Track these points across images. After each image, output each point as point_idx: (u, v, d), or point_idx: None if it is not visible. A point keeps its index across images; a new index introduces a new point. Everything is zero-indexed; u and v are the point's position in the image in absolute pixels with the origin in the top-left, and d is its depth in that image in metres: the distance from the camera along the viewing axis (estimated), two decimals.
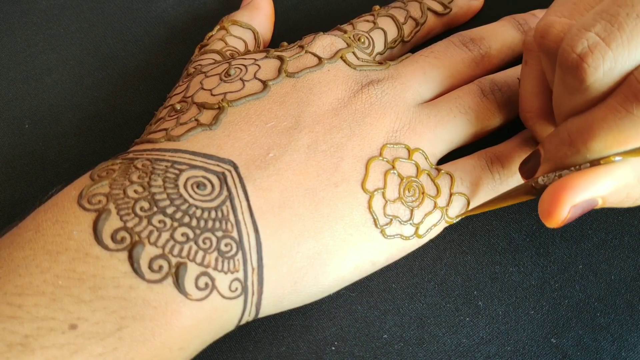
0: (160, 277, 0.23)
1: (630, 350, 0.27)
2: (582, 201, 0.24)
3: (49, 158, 0.34)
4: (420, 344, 0.28)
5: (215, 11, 0.38)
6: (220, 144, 0.26)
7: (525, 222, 0.30)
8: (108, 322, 0.22)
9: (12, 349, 0.20)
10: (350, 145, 0.27)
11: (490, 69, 0.32)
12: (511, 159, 0.29)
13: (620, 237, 0.30)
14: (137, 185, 0.24)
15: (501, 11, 0.34)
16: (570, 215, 0.24)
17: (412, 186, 0.28)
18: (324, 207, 0.26)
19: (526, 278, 0.29)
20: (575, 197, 0.24)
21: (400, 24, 0.33)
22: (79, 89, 0.36)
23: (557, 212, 0.24)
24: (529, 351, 0.27)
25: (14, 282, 0.22)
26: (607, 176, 0.23)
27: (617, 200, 0.24)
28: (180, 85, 0.30)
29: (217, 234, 0.24)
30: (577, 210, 0.24)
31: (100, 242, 0.23)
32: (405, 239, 0.28)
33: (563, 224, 0.24)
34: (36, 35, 0.38)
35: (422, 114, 0.29)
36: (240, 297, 0.24)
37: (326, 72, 0.29)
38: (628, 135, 0.22)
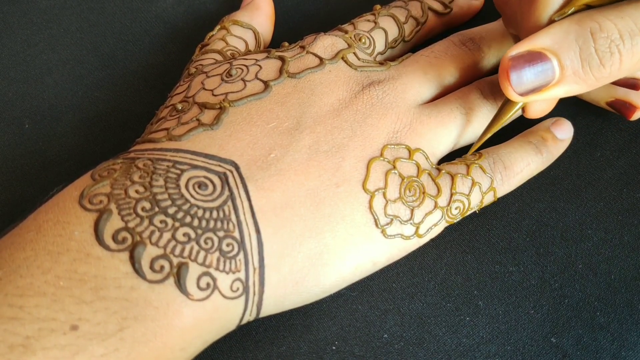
0: (161, 277, 0.23)
1: (630, 349, 0.27)
2: (522, 52, 0.25)
3: (49, 158, 0.34)
4: (420, 343, 0.28)
5: (216, 11, 0.38)
6: (221, 144, 0.26)
7: (525, 222, 0.30)
8: (109, 323, 0.22)
9: (14, 350, 0.20)
10: (351, 146, 0.27)
11: (491, 68, 0.33)
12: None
13: (620, 237, 0.30)
14: (138, 185, 0.24)
15: None
16: (515, 74, 0.25)
17: (412, 186, 0.28)
18: (325, 207, 0.26)
19: (526, 278, 0.29)
20: (513, 51, 0.25)
21: (401, 23, 0.33)
22: (79, 89, 0.36)
23: (501, 70, 0.25)
24: (529, 350, 0.28)
25: (15, 283, 0.21)
26: (544, 30, 0.25)
27: (571, 55, 0.25)
28: (182, 85, 0.30)
29: (218, 234, 0.24)
30: (521, 65, 0.25)
31: (102, 242, 0.23)
32: (405, 238, 0.28)
33: (518, 91, 0.25)
34: (36, 35, 0.38)
35: (423, 114, 0.29)
36: (242, 297, 0.24)
37: (327, 72, 0.29)
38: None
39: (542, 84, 0.25)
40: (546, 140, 0.31)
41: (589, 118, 0.33)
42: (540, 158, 0.30)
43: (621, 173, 0.31)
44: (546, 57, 0.25)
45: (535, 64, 0.25)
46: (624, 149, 0.32)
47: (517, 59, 0.25)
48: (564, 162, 0.31)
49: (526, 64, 0.25)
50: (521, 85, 0.25)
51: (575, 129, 0.32)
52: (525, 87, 0.25)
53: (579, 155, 0.32)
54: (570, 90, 0.26)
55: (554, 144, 0.31)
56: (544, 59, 0.25)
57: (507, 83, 0.25)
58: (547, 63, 0.25)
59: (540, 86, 0.25)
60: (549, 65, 0.25)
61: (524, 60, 0.25)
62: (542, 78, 0.25)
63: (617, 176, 0.31)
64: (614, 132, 0.32)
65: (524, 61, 0.25)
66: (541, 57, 0.25)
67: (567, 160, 0.32)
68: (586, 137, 0.32)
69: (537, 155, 0.30)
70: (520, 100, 0.26)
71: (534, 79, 0.25)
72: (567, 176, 0.31)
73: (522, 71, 0.25)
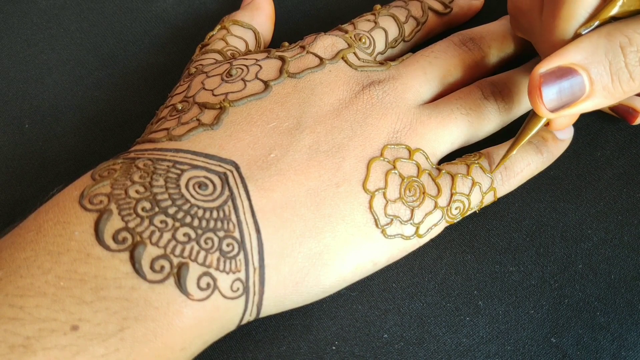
0: (162, 277, 0.23)
1: (630, 349, 0.27)
2: (553, 68, 0.25)
3: (49, 158, 0.34)
4: (420, 343, 0.28)
5: (215, 11, 0.38)
6: (221, 144, 0.26)
7: (525, 222, 0.30)
8: (110, 323, 0.22)
9: (14, 350, 0.20)
10: (351, 146, 0.27)
11: (491, 68, 0.33)
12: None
13: (620, 237, 0.30)
14: (138, 185, 0.24)
15: (501, 11, 0.34)
16: (546, 90, 0.25)
17: (412, 186, 0.28)
18: (325, 207, 0.26)
19: (526, 278, 0.29)
20: (543, 67, 0.25)
21: (401, 23, 0.33)
22: (79, 89, 0.36)
23: (532, 87, 0.25)
24: (529, 350, 0.28)
25: (16, 284, 0.21)
26: (573, 44, 0.25)
27: (601, 70, 0.25)
28: (182, 84, 0.30)
29: (218, 234, 0.24)
30: (552, 81, 0.25)
31: (102, 242, 0.23)
32: (405, 238, 0.28)
33: (549, 108, 0.25)
34: (36, 35, 0.38)
35: (423, 114, 0.29)
36: (242, 297, 0.24)
37: (327, 72, 0.29)
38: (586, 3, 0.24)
39: (572, 99, 0.25)
40: (546, 140, 0.31)
41: (589, 118, 0.33)
42: (541, 158, 0.30)
43: (621, 173, 0.31)
44: (577, 73, 0.25)
45: (566, 79, 0.25)
46: (624, 149, 0.32)
47: (548, 76, 0.25)
48: (564, 162, 0.31)
49: (557, 80, 0.25)
50: (552, 102, 0.25)
51: (576, 129, 0.32)
52: (556, 103, 0.25)
53: (579, 155, 0.32)
54: (598, 104, 0.25)
55: (555, 144, 0.31)
56: (574, 75, 0.25)
57: (538, 100, 0.25)
58: (578, 78, 0.25)
59: (570, 102, 0.25)
60: (579, 80, 0.25)
61: (555, 76, 0.25)
62: (573, 94, 0.25)
63: (617, 176, 0.31)
64: (614, 132, 0.32)
65: (555, 77, 0.25)
66: (571, 72, 0.25)
67: (567, 160, 0.32)
68: (586, 137, 0.32)
69: (537, 155, 0.30)
70: (551, 117, 0.26)
71: (564, 95, 0.25)
72: (567, 176, 0.31)
73: (553, 87, 0.25)
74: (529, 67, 0.32)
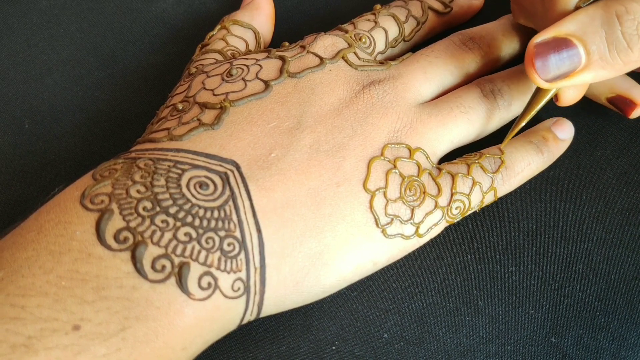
0: (163, 277, 0.23)
1: (630, 349, 0.27)
2: (547, 38, 0.25)
3: (49, 158, 0.34)
4: (420, 343, 0.28)
5: (215, 11, 0.38)
6: (222, 144, 0.26)
7: (525, 222, 0.30)
8: (111, 323, 0.22)
9: (16, 350, 0.20)
10: (352, 145, 0.27)
11: (491, 68, 0.33)
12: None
13: (620, 237, 0.30)
14: (139, 185, 0.24)
15: (501, 11, 0.34)
16: (541, 60, 0.25)
17: (413, 185, 0.28)
18: (326, 206, 0.26)
19: (526, 277, 0.29)
20: (538, 38, 0.25)
21: (401, 22, 0.33)
22: (79, 89, 0.36)
23: (527, 57, 0.25)
24: (528, 350, 0.28)
25: (17, 283, 0.21)
26: (570, 16, 0.25)
27: (597, 40, 0.25)
28: (182, 84, 0.30)
29: (219, 233, 0.24)
30: (547, 52, 0.25)
31: (103, 242, 0.23)
32: (406, 238, 0.28)
33: (545, 77, 0.26)
34: (36, 35, 0.38)
35: (423, 113, 0.29)
36: (243, 297, 0.24)
37: (328, 72, 0.29)
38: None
39: (568, 70, 0.25)
40: (547, 140, 0.31)
41: (589, 118, 0.33)
42: (541, 158, 0.30)
43: (621, 173, 0.31)
44: (572, 43, 0.25)
45: (561, 50, 0.25)
46: (624, 149, 0.32)
47: (542, 46, 0.25)
48: (564, 162, 0.31)
49: (551, 50, 0.25)
50: (547, 72, 0.25)
51: (576, 128, 0.32)
52: (552, 74, 0.25)
53: (580, 155, 0.32)
54: (599, 76, 0.26)
55: (555, 143, 0.31)
56: (569, 45, 0.25)
57: (532, 70, 0.25)
58: (573, 49, 0.25)
59: (566, 72, 0.25)
60: (574, 51, 0.25)
61: (549, 47, 0.25)
62: (568, 64, 0.25)
63: (617, 176, 0.31)
64: (614, 132, 0.32)
65: (549, 48, 0.25)
66: (566, 43, 0.25)
67: (567, 160, 0.32)
68: (586, 137, 0.32)
69: (537, 155, 0.30)
70: (547, 87, 0.26)
71: (559, 66, 0.25)
72: (567, 176, 0.31)
73: (548, 58, 0.25)
74: None
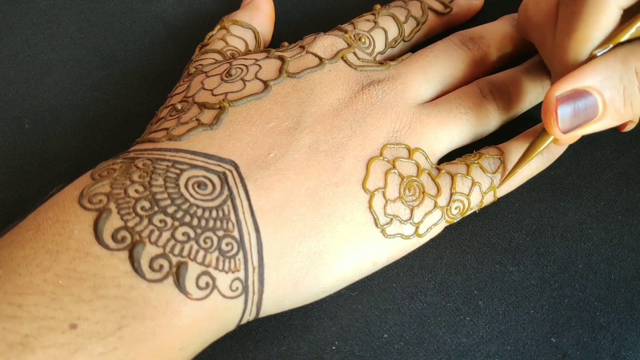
0: (160, 276, 0.23)
1: (630, 349, 0.27)
2: (568, 91, 0.25)
3: (49, 158, 0.34)
4: (420, 343, 0.28)
5: (215, 11, 0.38)
6: (221, 144, 0.26)
7: (526, 222, 0.30)
8: (108, 322, 0.22)
9: (13, 348, 0.20)
10: (351, 145, 0.27)
11: (490, 68, 0.33)
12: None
13: (620, 237, 0.30)
14: (138, 184, 0.24)
15: (501, 11, 0.34)
16: (561, 112, 0.25)
17: (412, 185, 0.28)
18: (325, 206, 0.26)
19: (526, 277, 0.29)
20: (559, 90, 0.25)
21: (401, 23, 0.33)
22: (79, 89, 0.36)
23: (547, 109, 0.25)
24: (529, 350, 0.28)
25: (14, 282, 0.21)
26: (589, 67, 0.25)
27: (615, 94, 0.25)
28: (181, 84, 0.30)
29: (218, 233, 0.24)
30: (567, 104, 0.25)
31: (101, 241, 0.23)
32: (405, 238, 0.28)
33: (563, 129, 0.26)
34: (36, 35, 0.38)
35: (423, 114, 0.29)
36: (241, 297, 0.24)
37: (327, 72, 0.29)
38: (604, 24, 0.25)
39: (585, 121, 0.26)
40: None
41: None
42: (541, 158, 0.30)
43: (621, 173, 0.31)
44: (591, 96, 0.25)
45: (580, 101, 0.25)
46: (624, 149, 0.32)
47: (564, 99, 0.25)
48: (564, 162, 0.31)
49: (571, 101, 0.25)
50: (565, 123, 0.26)
51: None
52: (569, 125, 0.26)
53: (580, 155, 0.32)
54: (608, 125, 0.26)
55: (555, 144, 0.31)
56: (588, 97, 0.25)
57: (553, 122, 0.26)
58: (592, 100, 0.25)
59: (582, 123, 0.26)
60: (593, 103, 0.25)
61: (570, 99, 0.25)
62: (586, 115, 0.25)
63: (617, 176, 0.31)
64: (614, 132, 0.32)
65: (570, 100, 0.25)
66: (586, 95, 0.25)
67: (567, 160, 0.32)
68: (587, 137, 0.32)
69: (537, 155, 0.30)
70: (562, 137, 0.26)
71: (578, 117, 0.25)
72: (567, 176, 0.31)
73: (568, 109, 0.25)
74: (528, 66, 0.32)
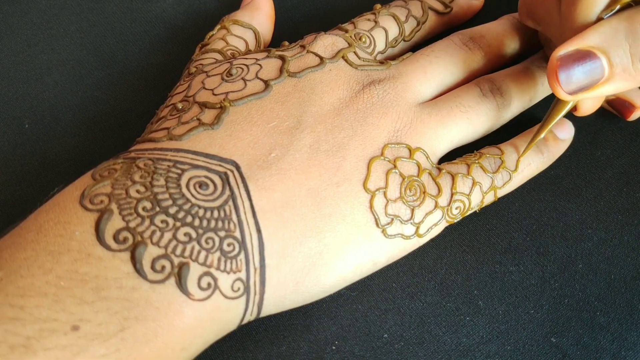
0: (162, 277, 0.23)
1: (630, 349, 0.27)
2: (571, 51, 0.25)
3: (49, 158, 0.34)
4: (420, 343, 0.28)
5: (215, 11, 0.38)
6: (222, 144, 0.26)
7: (526, 222, 0.30)
8: (111, 323, 0.22)
9: (15, 350, 0.20)
10: (352, 145, 0.27)
11: (491, 67, 0.33)
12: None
13: (620, 237, 0.30)
14: (139, 185, 0.24)
15: (501, 10, 0.34)
16: (564, 73, 0.25)
17: (413, 185, 0.28)
18: (326, 206, 0.26)
19: (526, 277, 0.29)
20: (562, 50, 0.25)
21: (401, 22, 0.33)
22: (79, 89, 0.36)
23: (550, 69, 0.25)
24: (529, 350, 0.28)
25: (16, 284, 0.21)
26: (593, 28, 0.25)
27: (621, 53, 0.25)
28: (182, 84, 0.30)
29: (219, 233, 0.24)
30: (570, 64, 0.25)
31: (103, 242, 0.22)
32: (406, 238, 0.28)
33: (567, 90, 0.25)
34: (36, 35, 0.38)
35: (423, 113, 0.29)
36: (243, 297, 0.24)
37: (328, 71, 0.29)
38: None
39: (591, 82, 0.25)
40: (547, 140, 0.31)
41: (589, 117, 0.33)
42: (541, 158, 0.30)
43: (621, 172, 0.31)
44: (595, 56, 0.25)
45: (584, 62, 0.25)
46: (625, 149, 0.32)
47: (565, 59, 0.25)
48: (564, 162, 0.31)
49: (575, 63, 0.25)
50: (570, 85, 0.25)
51: (576, 128, 0.32)
52: (574, 86, 0.25)
53: (580, 154, 0.32)
54: (619, 87, 0.26)
55: (555, 143, 0.31)
56: (592, 58, 0.25)
57: (556, 83, 0.25)
58: (596, 61, 0.25)
59: (589, 85, 0.25)
60: (597, 64, 0.25)
61: (572, 59, 0.25)
62: (591, 77, 0.25)
63: (617, 175, 0.31)
64: (614, 132, 0.32)
65: (572, 60, 0.25)
66: (590, 55, 0.25)
67: (567, 160, 0.32)
68: (587, 137, 0.32)
69: (537, 155, 0.30)
70: (569, 99, 0.26)
71: (582, 78, 0.25)
72: (567, 176, 0.31)
73: (571, 70, 0.25)
74: (528, 65, 0.32)
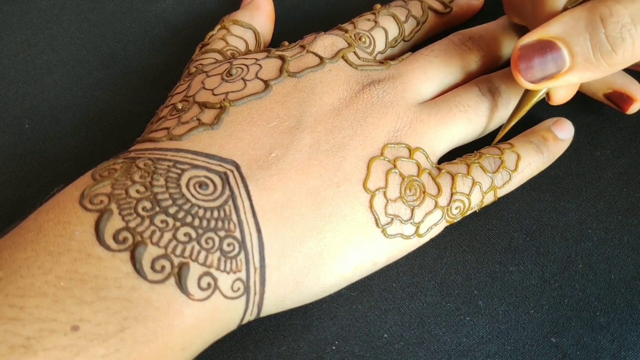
0: (162, 277, 0.23)
1: (630, 349, 0.27)
2: (532, 41, 0.26)
3: (49, 158, 0.34)
4: (420, 343, 0.28)
5: (215, 11, 0.38)
6: (222, 144, 0.26)
7: (525, 222, 0.30)
8: (110, 324, 0.22)
9: (14, 350, 0.20)
10: (352, 145, 0.27)
11: (490, 67, 0.33)
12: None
13: (620, 237, 0.30)
14: (139, 185, 0.24)
15: (501, 11, 0.34)
16: (524, 62, 0.26)
17: (413, 185, 0.28)
18: (326, 206, 0.26)
19: (526, 277, 0.29)
20: (523, 41, 0.26)
21: (401, 22, 0.33)
22: (79, 89, 0.36)
23: (512, 58, 0.26)
24: (529, 350, 0.28)
25: (16, 284, 0.21)
26: (555, 19, 0.25)
27: (581, 42, 0.25)
28: (182, 84, 0.30)
29: (219, 233, 0.24)
30: (531, 54, 0.26)
31: (102, 242, 0.22)
32: (406, 238, 0.28)
33: (529, 79, 0.26)
34: (36, 35, 0.38)
35: (423, 113, 0.29)
36: (243, 297, 0.24)
37: (327, 71, 0.29)
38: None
39: (553, 72, 0.26)
40: (547, 140, 0.31)
41: (589, 117, 0.33)
42: (541, 158, 0.30)
43: (621, 172, 0.31)
44: (556, 46, 0.25)
45: (545, 52, 0.25)
46: (625, 149, 0.32)
47: (526, 49, 0.26)
48: (564, 162, 0.31)
49: (535, 53, 0.25)
50: (532, 74, 0.26)
51: (576, 128, 0.32)
52: (536, 76, 0.26)
53: (580, 154, 0.32)
54: (584, 77, 0.26)
55: (555, 143, 0.31)
56: (553, 48, 0.25)
57: (516, 72, 0.26)
58: (557, 52, 0.25)
59: (551, 74, 0.26)
60: (559, 54, 0.25)
61: (533, 49, 0.25)
62: (553, 66, 0.25)
63: (617, 176, 0.31)
64: (614, 132, 0.32)
65: (533, 50, 0.25)
66: (551, 45, 0.25)
67: (567, 160, 0.32)
68: (587, 137, 0.32)
69: (537, 155, 0.30)
70: (532, 88, 0.27)
71: (544, 68, 0.26)
72: (567, 176, 0.31)
73: (532, 60, 0.26)
74: None
